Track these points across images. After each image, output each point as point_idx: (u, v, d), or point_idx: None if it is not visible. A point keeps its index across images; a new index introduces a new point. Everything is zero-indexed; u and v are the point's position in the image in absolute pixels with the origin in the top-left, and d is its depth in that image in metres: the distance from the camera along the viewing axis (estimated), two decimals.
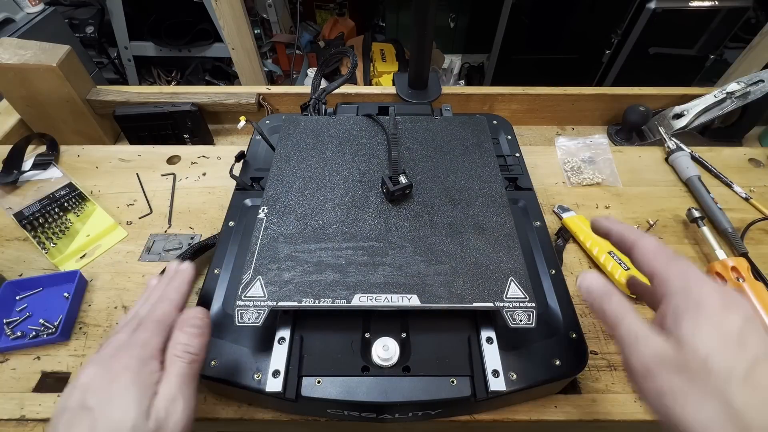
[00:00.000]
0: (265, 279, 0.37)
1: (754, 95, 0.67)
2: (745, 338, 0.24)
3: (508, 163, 0.55)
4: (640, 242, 0.31)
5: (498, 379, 0.35)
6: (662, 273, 0.28)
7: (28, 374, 0.42)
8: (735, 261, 0.48)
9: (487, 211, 0.43)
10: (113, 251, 0.52)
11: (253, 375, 0.36)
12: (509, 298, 0.36)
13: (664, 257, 0.29)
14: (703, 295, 0.26)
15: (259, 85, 0.78)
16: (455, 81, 1.64)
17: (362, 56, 1.33)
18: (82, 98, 0.68)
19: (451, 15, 1.58)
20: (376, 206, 0.43)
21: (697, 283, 0.27)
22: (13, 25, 1.23)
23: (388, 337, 0.37)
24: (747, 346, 0.24)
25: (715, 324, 0.25)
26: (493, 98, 0.76)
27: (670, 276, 0.28)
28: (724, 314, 0.25)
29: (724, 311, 0.25)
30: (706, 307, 0.26)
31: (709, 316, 0.25)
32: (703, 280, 0.27)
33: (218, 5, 1.00)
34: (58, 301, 0.46)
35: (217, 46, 1.59)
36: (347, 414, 0.37)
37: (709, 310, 0.25)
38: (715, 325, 0.25)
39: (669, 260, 0.29)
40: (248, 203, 0.50)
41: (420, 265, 0.38)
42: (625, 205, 0.58)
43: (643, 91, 0.76)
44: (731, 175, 0.61)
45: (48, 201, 0.54)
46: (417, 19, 0.65)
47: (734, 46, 1.27)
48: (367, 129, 0.52)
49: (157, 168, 0.62)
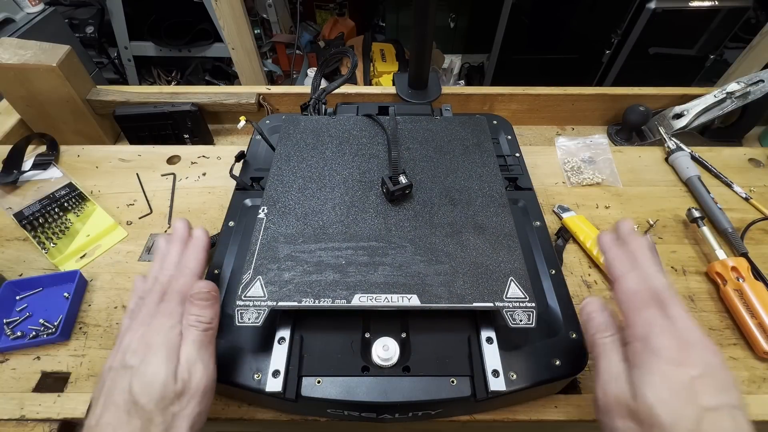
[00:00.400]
0: (265, 279, 0.37)
1: (754, 95, 0.67)
2: (697, 390, 0.25)
3: (508, 163, 0.55)
4: (620, 281, 0.32)
5: (498, 379, 0.35)
6: (631, 318, 0.30)
7: (28, 374, 0.42)
8: (735, 261, 0.48)
9: (487, 211, 0.43)
10: (113, 251, 0.52)
11: (253, 375, 0.36)
12: (509, 298, 0.36)
13: (637, 302, 0.30)
14: (660, 347, 0.27)
15: (259, 85, 0.77)
16: (455, 81, 1.64)
17: (362, 56, 1.33)
18: (82, 98, 0.68)
19: (451, 15, 1.58)
20: (376, 206, 0.43)
21: (658, 334, 0.28)
22: (13, 25, 1.23)
23: (388, 337, 0.37)
24: (697, 399, 0.25)
25: (667, 375, 0.26)
26: (493, 98, 0.76)
27: (636, 322, 0.29)
28: (679, 366, 0.26)
29: (680, 363, 0.27)
30: (661, 359, 0.27)
31: (662, 368, 0.27)
32: (666, 331, 0.28)
33: (218, 5, 1.00)
34: (58, 301, 0.46)
35: (217, 46, 1.59)
36: (347, 414, 0.37)
37: (663, 361, 0.27)
38: (666, 377, 0.26)
39: (641, 306, 0.30)
40: (248, 203, 0.50)
41: (420, 265, 0.38)
42: (625, 205, 0.58)
43: (643, 91, 0.76)
44: (731, 175, 0.61)
45: (48, 201, 0.54)
46: (417, 19, 0.65)
47: (734, 46, 1.27)
48: (367, 129, 0.52)
49: (157, 168, 0.62)
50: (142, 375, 0.30)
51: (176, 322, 0.33)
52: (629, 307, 0.31)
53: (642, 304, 0.30)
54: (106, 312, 0.46)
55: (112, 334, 0.44)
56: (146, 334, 0.32)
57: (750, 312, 0.44)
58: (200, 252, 0.38)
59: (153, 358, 0.30)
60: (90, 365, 0.42)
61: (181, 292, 0.35)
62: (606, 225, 0.55)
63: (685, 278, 0.50)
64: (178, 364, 0.31)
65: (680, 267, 0.51)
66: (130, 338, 0.32)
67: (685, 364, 0.27)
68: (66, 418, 0.39)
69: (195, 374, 0.31)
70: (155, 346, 0.31)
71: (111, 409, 0.29)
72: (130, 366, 0.30)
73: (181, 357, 0.31)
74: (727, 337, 0.45)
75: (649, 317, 0.29)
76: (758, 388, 0.41)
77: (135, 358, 0.31)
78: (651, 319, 0.29)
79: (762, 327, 0.43)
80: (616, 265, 0.33)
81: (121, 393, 0.29)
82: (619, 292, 0.32)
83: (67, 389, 0.41)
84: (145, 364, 0.30)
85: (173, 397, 0.30)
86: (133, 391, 0.29)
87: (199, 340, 0.32)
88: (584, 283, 0.49)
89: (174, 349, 0.31)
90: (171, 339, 0.32)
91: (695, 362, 0.27)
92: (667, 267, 0.51)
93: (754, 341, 0.43)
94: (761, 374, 0.42)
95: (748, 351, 0.44)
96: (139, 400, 0.29)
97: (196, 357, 0.32)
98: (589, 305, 0.33)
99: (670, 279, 0.34)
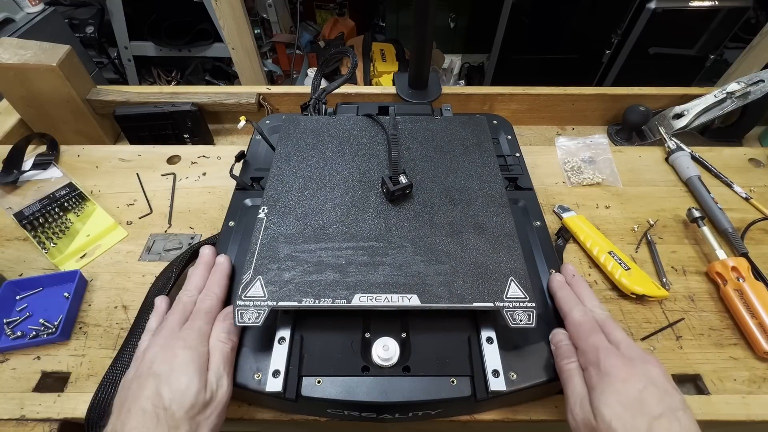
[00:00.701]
0: (265, 279, 0.37)
1: (754, 95, 0.67)
2: (644, 400, 0.29)
3: (508, 163, 0.55)
4: (569, 315, 0.37)
5: (498, 379, 0.35)
6: (581, 345, 0.35)
7: (28, 374, 0.42)
8: (735, 261, 0.48)
9: (487, 211, 0.43)
10: (113, 251, 0.52)
11: (253, 375, 0.36)
12: (509, 298, 0.36)
13: (584, 331, 0.35)
14: (608, 367, 0.31)
15: (259, 85, 0.77)
16: (455, 81, 1.64)
17: (362, 56, 1.33)
18: (82, 98, 0.68)
19: (451, 15, 1.58)
20: (376, 206, 0.43)
21: (605, 357, 0.32)
22: (13, 25, 1.23)
23: (388, 337, 0.37)
24: (645, 408, 0.29)
25: (618, 392, 0.30)
26: (493, 98, 0.76)
27: (587, 349, 0.34)
28: (626, 382, 0.30)
29: (626, 379, 0.30)
30: (611, 377, 0.31)
31: (613, 386, 0.30)
32: (612, 353, 0.32)
33: (218, 5, 1.00)
34: (58, 300, 0.46)
35: (217, 46, 1.59)
36: (347, 414, 0.37)
37: (613, 380, 0.30)
38: (618, 393, 0.30)
39: (588, 335, 0.35)
40: (248, 203, 0.50)
41: (420, 265, 0.38)
42: (625, 205, 0.58)
43: (643, 91, 0.76)
44: (731, 175, 0.61)
45: (48, 201, 0.54)
46: (417, 19, 0.65)
47: (734, 46, 1.27)
48: (367, 129, 0.52)
49: (157, 168, 0.62)
50: (173, 383, 0.31)
51: (205, 339, 0.35)
52: (579, 336, 0.35)
53: (588, 333, 0.35)
54: (106, 312, 0.46)
55: (113, 334, 0.44)
56: (174, 347, 0.34)
57: (750, 312, 0.44)
58: (223, 278, 0.41)
59: (185, 368, 0.32)
60: (90, 365, 0.42)
61: (209, 312, 0.37)
62: (606, 225, 0.55)
63: (685, 278, 0.50)
64: (207, 376, 0.33)
65: (680, 267, 0.51)
66: (155, 352, 0.34)
67: (631, 379, 0.30)
68: (66, 418, 0.39)
69: (221, 388, 0.33)
70: (185, 358, 0.33)
71: (138, 415, 0.30)
72: (157, 374, 0.32)
73: (210, 370, 0.34)
74: (727, 337, 0.45)
75: (595, 342, 0.34)
76: (758, 388, 0.41)
77: (163, 366, 0.32)
78: (597, 343, 0.33)
79: (762, 327, 0.43)
80: (564, 303, 0.39)
81: (149, 399, 0.30)
82: (569, 324, 0.37)
83: (67, 389, 0.41)
84: (176, 374, 0.32)
85: (201, 407, 0.32)
86: (163, 397, 0.30)
87: (226, 355, 0.35)
88: None
89: (203, 362, 0.34)
90: (201, 353, 0.34)
91: (639, 376, 0.31)
92: (667, 267, 0.51)
93: (755, 341, 0.43)
94: (761, 374, 0.42)
95: (748, 351, 0.44)
96: (170, 407, 0.30)
97: (223, 371, 0.34)
98: (556, 335, 0.37)
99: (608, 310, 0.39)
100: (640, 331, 0.45)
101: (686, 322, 0.46)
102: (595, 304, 0.39)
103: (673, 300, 0.48)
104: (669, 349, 0.44)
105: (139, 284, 0.48)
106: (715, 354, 0.44)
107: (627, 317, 0.46)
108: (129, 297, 0.47)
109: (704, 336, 0.45)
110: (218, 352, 0.35)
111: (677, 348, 0.44)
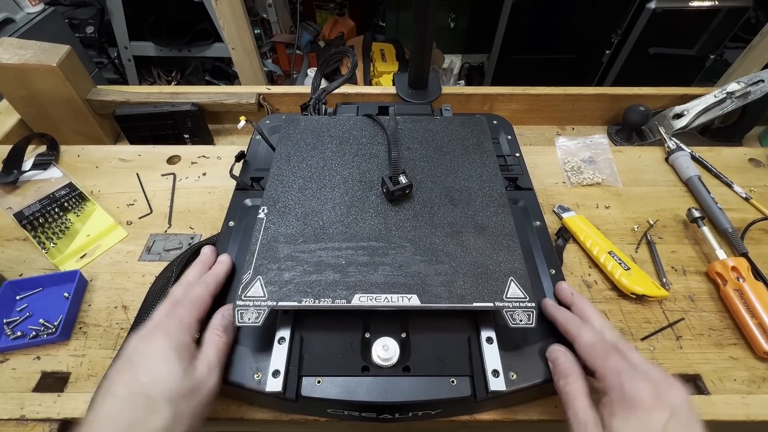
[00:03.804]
0: (265, 279, 0.37)
1: (754, 95, 0.67)
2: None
3: (508, 163, 0.55)
4: (579, 338, 0.35)
5: (498, 379, 0.35)
6: (600, 370, 0.32)
7: (28, 374, 0.42)
8: (735, 261, 0.48)
9: (487, 211, 0.43)
10: (113, 251, 0.52)
11: (253, 375, 0.36)
12: (509, 298, 0.36)
13: (601, 353, 0.33)
14: (634, 393, 0.29)
15: (259, 85, 0.77)
16: (455, 81, 1.64)
17: (362, 56, 1.33)
18: (82, 98, 0.68)
19: (451, 15, 1.58)
20: (376, 206, 0.43)
21: (630, 382, 0.30)
22: (13, 25, 1.23)
23: (388, 337, 0.37)
24: None
25: (641, 420, 0.28)
26: (493, 98, 0.76)
27: (606, 373, 0.32)
28: (651, 411, 0.29)
29: (652, 408, 0.29)
30: (636, 404, 0.29)
31: (637, 414, 0.29)
32: (636, 377, 0.30)
33: (218, 5, 1.00)
34: (58, 301, 0.46)
35: (217, 46, 1.59)
36: (347, 414, 0.37)
37: (638, 407, 0.29)
38: (641, 422, 0.28)
39: (605, 356, 0.32)
40: (248, 203, 0.50)
41: (420, 265, 0.38)
42: (625, 205, 0.58)
43: (643, 91, 0.76)
44: (731, 175, 0.61)
45: (48, 201, 0.54)
46: (417, 19, 0.65)
47: (734, 46, 1.27)
48: (367, 129, 0.52)
49: (157, 168, 0.62)
50: (152, 370, 0.31)
51: (187, 325, 0.35)
52: (594, 358, 0.33)
53: (604, 354, 0.33)
54: (106, 312, 0.46)
55: (113, 334, 0.44)
56: (152, 336, 0.33)
57: (750, 312, 0.44)
58: (221, 274, 0.41)
59: (163, 355, 0.32)
60: (90, 365, 0.42)
61: (195, 300, 0.37)
62: (606, 225, 0.55)
63: (685, 278, 0.50)
64: (193, 365, 0.33)
65: (680, 267, 0.51)
66: (135, 342, 0.33)
67: (657, 410, 0.29)
68: (66, 418, 0.39)
69: (210, 380, 0.33)
70: (162, 346, 0.32)
71: (111, 400, 0.30)
72: (136, 362, 0.32)
73: (200, 360, 0.33)
74: (727, 337, 0.45)
75: (614, 364, 0.32)
76: (758, 388, 0.41)
77: (138, 354, 0.32)
78: (619, 367, 0.31)
79: (762, 327, 0.43)
80: (570, 326, 0.36)
81: (123, 384, 0.30)
82: (580, 347, 0.35)
83: (67, 389, 0.41)
84: (155, 361, 0.31)
85: (185, 393, 0.31)
86: (141, 382, 0.30)
87: (219, 347, 0.35)
88: (584, 283, 0.49)
89: (184, 350, 0.33)
90: (180, 341, 0.33)
91: (665, 406, 0.29)
92: (667, 267, 0.51)
93: (754, 341, 0.43)
94: (761, 374, 0.42)
95: (748, 351, 0.44)
96: (148, 392, 0.30)
97: (216, 362, 0.34)
98: (553, 352, 0.36)
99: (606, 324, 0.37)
100: (640, 331, 0.45)
101: (686, 322, 0.46)
102: (603, 324, 0.36)
103: (673, 300, 0.48)
104: (669, 349, 0.44)
105: (139, 284, 0.48)
106: (715, 354, 0.44)
107: (627, 317, 0.46)
108: (129, 297, 0.47)
109: (704, 336, 0.45)
110: (212, 344, 0.35)
111: (677, 348, 0.44)
